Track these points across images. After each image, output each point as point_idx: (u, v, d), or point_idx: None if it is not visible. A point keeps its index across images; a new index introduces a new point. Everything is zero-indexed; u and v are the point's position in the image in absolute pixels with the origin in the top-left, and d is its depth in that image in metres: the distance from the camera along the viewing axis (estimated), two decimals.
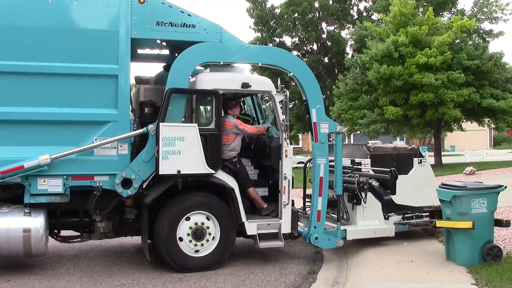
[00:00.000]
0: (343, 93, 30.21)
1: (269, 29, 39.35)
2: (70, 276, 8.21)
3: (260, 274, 8.29)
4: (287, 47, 39.23)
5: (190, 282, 7.81)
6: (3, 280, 7.89)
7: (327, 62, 39.62)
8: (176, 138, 8.09)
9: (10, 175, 7.74)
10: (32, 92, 7.92)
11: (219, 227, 8.48)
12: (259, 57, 8.98)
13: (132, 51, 9.43)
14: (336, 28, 39.63)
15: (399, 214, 9.45)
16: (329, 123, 9.05)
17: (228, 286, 7.69)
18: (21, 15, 7.88)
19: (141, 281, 7.94)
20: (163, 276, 8.16)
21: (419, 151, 10.60)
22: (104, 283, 7.82)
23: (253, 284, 7.77)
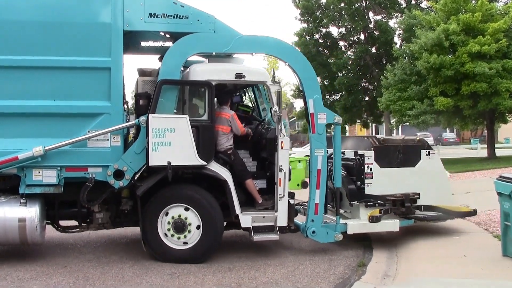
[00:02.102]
0: (391, 84, 29.34)
1: (315, 20, 38.51)
2: (122, 263, 8.39)
3: (309, 265, 8.27)
4: (333, 38, 38.86)
5: (240, 272, 7.87)
6: (60, 266, 8.20)
7: (375, 52, 37.96)
8: (167, 129, 8.09)
9: (5, 166, 7.97)
10: (26, 86, 8.11)
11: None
12: (253, 46, 8.84)
13: (135, 44, 9.68)
14: (383, 17, 38.28)
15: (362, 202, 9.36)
16: (327, 113, 8.86)
17: (277, 276, 7.70)
18: (14, 10, 8.07)
19: (191, 270, 7.99)
20: (213, 265, 8.25)
21: (427, 142, 10.18)
22: (155, 271, 7.94)
23: (302, 275, 7.76)
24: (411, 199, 9.47)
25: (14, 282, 7.38)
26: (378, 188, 9.43)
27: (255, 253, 9.01)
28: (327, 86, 38.37)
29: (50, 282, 7.40)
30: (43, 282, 7.42)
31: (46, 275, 7.71)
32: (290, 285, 7.32)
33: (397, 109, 28.69)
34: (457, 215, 9.70)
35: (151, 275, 7.77)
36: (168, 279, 7.58)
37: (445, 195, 9.84)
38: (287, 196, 8.77)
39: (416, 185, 9.58)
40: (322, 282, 7.45)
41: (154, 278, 7.61)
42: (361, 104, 37.99)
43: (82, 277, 7.65)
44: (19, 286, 7.22)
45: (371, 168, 9.45)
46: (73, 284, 7.33)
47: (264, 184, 9.19)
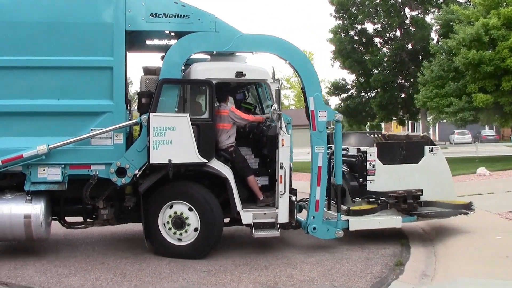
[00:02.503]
0: (428, 81, 28.93)
1: (350, 16, 37.96)
2: (159, 260, 8.45)
3: (345, 264, 8.23)
4: (369, 34, 38.34)
5: (276, 270, 7.89)
6: (97, 262, 8.38)
7: (411, 48, 37.54)
8: (167, 128, 8.23)
9: (10, 164, 8.18)
10: (31, 85, 8.30)
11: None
12: (253, 45, 8.91)
13: (141, 42, 9.79)
14: (420, 13, 37.39)
15: (364, 199, 9.43)
16: (327, 111, 8.92)
17: (314, 275, 7.67)
18: (18, 11, 8.24)
19: (228, 267, 8.06)
20: (250, 263, 8.29)
21: (430, 139, 10.16)
22: (191, 269, 7.99)
23: (339, 274, 7.71)
24: (414, 196, 9.48)
25: (54, 277, 7.55)
26: (380, 185, 9.47)
27: (292, 251, 9.02)
28: (362, 83, 38.17)
29: (89, 278, 7.56)
30: (82, 277, 7.59)
31: (84, 271, 7.90)
32: (327, 283, 7.30)
33: (434, 106, 28.37)
34: (453, 208, 9.67)
35: (187, 272, 7.83)
36: (204, 276, 7.65)
37: (448, 191, 9.83)
38: (288, 193, 8.84)
39: (419, 182, 9.60)
40: (359, 281, 7.38)
41: (191, 275, 7.67)
42: (397, 101, 37.44)
43: (119, 273, 7.78)
44: (58, 281, 7.38)
45: (373, 165, 9.50)
46: (110, 280, 7.47)
47: (266, 181, 9.28)
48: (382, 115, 37.71)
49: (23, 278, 7.54)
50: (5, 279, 7.46)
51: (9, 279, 7.48)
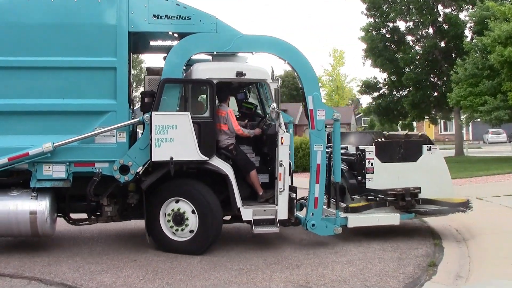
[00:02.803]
0: (462, 79, 28.38)
1: (382, 14, 37.15)
2: (190, 258, 8.48)
3: (377, 264, 8.17)
4: (401, 32, 37.67)
5: (308, 269, 7.86)
6: (129, 260, 8.48)
7: (444, 46, 36.26)
8: (169, 126, 8.43)
9: (17, 162, 8.41)
10: (36, 85, 8.54)
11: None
12: (253, 45, 9.12)
13: (145, 43, 10.01)
14: (453, 10, 36.09)
15: (363, 197, 9.59)
16: (326, 110, 9.10)
17: (345, 274, 7.62)
18: (25, 13, 8.50)
19: (259, 266, 8.07)
20: (281, 262, 8.31)
21: (429, 138, 10.32)
22: (223, 267, 8.03)
23: (371, 274, 7.64)
24: (412, 194, 9.64)
25: (87, 275, 7.66)
26: (379, 183, 9.64)
27: (323, 250, 9.01)
28: (394, 82, 37.59)
29: (121, 275, 7.63)
30: (114, 274, 7.66)
31: (116, 268, 7.99)
32: (358, 283, 7.24)
33: (468, 105, 27.91)
34: (451, 206, 9.81)
35: (219, 270, 7.88)
36: (236, 274, 7.65)
37: (446, 189, 9.98)
38: (288, 190, 9.02)
39: (417, 180, 9.75)
40: (391, 282, 7.31)
41: (222, 274, 7.70)
42: (430, 100, 36.54)
43: (151, 271, 7.83)
44: (91, 278, 7.47)
45: (372, 163, 9.67)
46: (142, 278, 7.52)
47: (266, 179, 9.47)
48: (414, 114, 36.95)
49: (57, 274, 7.66)
50: (39, 275, 7.60)
51: (43, 275, 7.61)
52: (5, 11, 8.47)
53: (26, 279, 7.43)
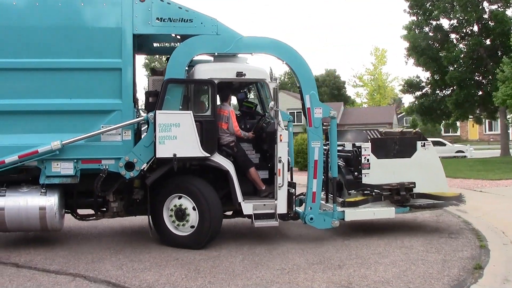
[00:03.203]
0: (509, 77, 27.46)
1: (425, 12, 36.78)
2: (232, 258, 8.57)
3: (421, 265, 8.02)
4: (444, 30, 37.22)
5: (350, 270, 7.78)
6: (172, 258, 8.55)
7: (489, 44, 35.62)
8: (172, 124, 8.80)
9: (26, 159, 8.77)
10: (45, 86, 8.89)
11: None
12: (252, 47, 9.48)
13: (148, 45, 10.39)
14: (500, 6, 35.46)
15: (359, 191, 9.96)
16: (323, 108, 9.46)
17: (388, 276, 7.51)
18: (35, 17, 8.86)
19: (301, 266, 8.04)
20: (323, 262, 8.27)
21: (423, 135, 10.69)
22: (265, 267, 8.02)
23: (415, 276, 7.50)
24: (407, 188, 10.01)
25: (130, 272, 7.75)
26: (374, 178, 10.02)
27: (365, 251, 8.95)
28: (437, 81, 37.19)
29: (163, 273, 7.69)
30: (157, 273, 7.73)
31: (159, 266, 8.07)
32: (402, 285, 7.14)
33: None
34: (445, 200, 10.22)
35: (260, 269, 7.88)
36: (278, 274, 7.63)
37: (440, 183, 10.36)
38: (286, 185, 9.39)
39: (411, 175, 10.12)
40: (435, 284, 7.17)
41: (264, 273, 7.68)
42: (474, 99, 36.04)
43: (193, 270, 7.88)
44: (134, 276, 7.55)
45: (368, 159, 10.04)
46: (185, 276, 7.56)
47: (266, 174, 9.85)
48: (458, 113, 36.43)
49: (100, 271, 7.78)
50: (83, 272, 7.77)
51: (87, 272, 7.77)
52: (16, 15, 8.83)
53: (71, 276, 7.60)
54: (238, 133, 9.61)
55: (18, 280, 7.33)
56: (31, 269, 7.94)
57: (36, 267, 8.04)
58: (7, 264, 8.19)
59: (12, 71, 8.83)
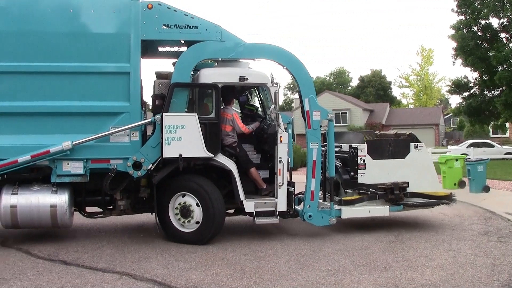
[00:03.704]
0: None
1: (474, 11, 35.30)
2: (278, 258, 8.62)
3: (470, 269, 7.87)
4: (493, 29, 35.63)
5: (396, 273, 7.71)
6: (217, 258, 8.68)
7: None
8: (178, 126, 9.25)
9: (39, 159, 9.18)
10: (57, 89, 9.30)
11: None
12: (254, 52, 9.96)
13: (153, 49, 10.80)
14: None
15: (355, 190, 10.45)
16: (321, 111, 9.92)
17: (435, 279, 7.41)
18: (48, 24, 9.29)
19: (347, 268, 8.01)
20: (369, 264, 8.23)
21: (416, 137, 11.20)
22: (310, 268, 8.04)
23: (463, 280, 7.36)
24: (401, 187, 10.51)
25: (175, 271, 7.84)
26: (370, 178, 10.52)
27: (412, 253, 8.88)
28: (486, 81, 35.89)
29: (209, 273, 7.75)
30: (202, 272, 7.79)
31: (204, 266, 8.14)
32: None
33: None
34: (436, 198, 10.76)
35: (306, 270, 7.88)
36: (324, 276, 7.61)
37: (432, 183, 10.87)
38: (286, 184, 9.85)
39: (405, 175, 10.64)
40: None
41: (310, 274, 7.68)
42: None
43: (239, 270, 7.90)
44: (180, 275, 7.62)
45: (363, 160, 10.56)
46: (230, 276, 7.60)
47: (267, 174, 10.30)
48: (507, 114, 34.86)
49: (146, 270, 7.89)
50: (130, 270, 7.89)
51: (133, 270, 7.88)
52: (31, 22, 9.25)
53: (118, 274, 7.74)
54: (247, 130, 10.10)
55: (66, 277, 7.54)
56: (79, 266, 8.18)
57: (83, 264, 8.28)
58: (56, 261, 8.45)
59: (27, 74, 9.23)
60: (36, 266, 8.17)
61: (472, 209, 13.55)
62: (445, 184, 18.24)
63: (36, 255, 8.86)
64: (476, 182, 17.24)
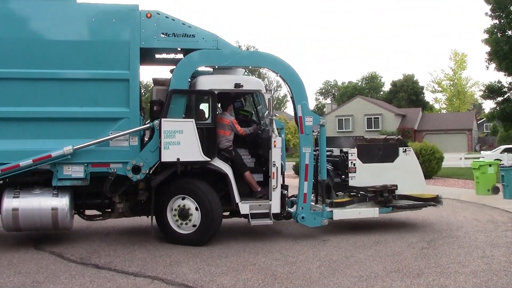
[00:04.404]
0: None
1: (508, 15, 34.13)
2: (309, 264, 8.61)
3: (504, 277, 7.76)
4: None
5: (429, 279, 7.64)
6: (249, 263, 8.66)
7: None
8: (176, 131, 9.59)
9: (40, 163, 9.46)
10: (59, 95, 9.59)
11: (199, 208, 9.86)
12: (249, 60, 10.39)
13: (151, 56, 11.12)
14: None
15: (346, 193, 10.86)
16: (313, 117, 10.30)
17: (469, 286, 7.34)
18: (51, 32, 9.60)
19: (379, 274, 7.95)
20: (401, 270, 8.15)
21: (404, 141, 11.64)
22: (342, 274, 7.98)
23: (497, 287, 7.32)
24: (389, 190, 10.93)
25: (207, 276, 7.87)
26: (360, 181, 10.93)
27: (445, 259, 8.82)
28: None
29: (240, 278, 7.75)
30: (234, 277, 7.79)
31: (235, 271, 8.13)
32: None
33: None
34: (424, 201, 11.20)
35: (338, 276, 7.85)
36: (355, 281, 7.56)
37: (419, 186, 11.31)
38: (280, 187, 10.22)
39: (394, 178, 11.08)
40: None
41: (341, 280, 7.65)
42: None
43: (270, 275, 7.90)
44: (211, 280, 7.65)
45: (354, 164, 10.97)
46: (262, 282, 7.58)
47: (261, 177, 10.67)
48: None
49: (178, 275, 7.92)
50: (161, 275, 7.94)
51: (165, 275, 7.93)
52: (34, 29, 9.57)
53: (149, 278, 7.80)
54: (244, 133, 10.46)
55: (98, 281, 7.65)
56: (111, 270, 8.28)
57: (115, 268, 8.38)
58: (88, 265, 8.61)
59: (29, 80, 9.51)
60: (69, 269, 8.34)
61: (506, 216, 13.61)
62: (478, 190, 18.28)
63: (68, 258, 9.05)
64: (510, 188, 16.89)
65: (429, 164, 24.25)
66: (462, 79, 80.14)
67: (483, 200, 16.70)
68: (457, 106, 79.56)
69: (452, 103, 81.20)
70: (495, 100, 37.44)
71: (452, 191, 19.20)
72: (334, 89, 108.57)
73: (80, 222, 11.31)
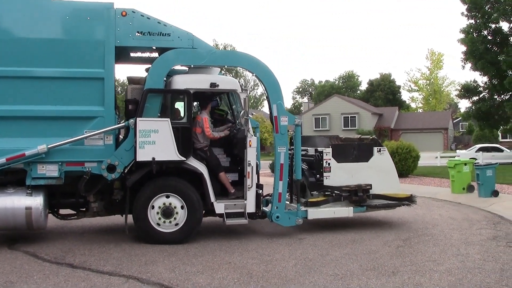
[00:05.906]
0: None
1: (484, 15, 34.81)
2: (285, 262, 8.62)
3: (478, 274, 7.82)
4: (504, 33, 35.25)
5: (404, 277, 7.66)
6: (224, 262, 8.65)
7: None
8: (151, 130, 9.59)
9: (14, 162, 9.38)
10: (32, 93, 9.52)
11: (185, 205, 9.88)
12: (225, 60, 10.43)
13: (125, 55, 11.08)
14: None
15: (321, 192, 10.98)
16: (288, 116, 10.37)
17: (443, 284, 7.35)
18: (25, 30, 9.52)
19: (355, 272, 7.96)
20: (377, 268, 8.20)
21: (379, 141, 11.77)
22: (318, 272, 8.00)
23: (471, 285, 7.30)
24: (364, 190, 11.05)
25: (182, 275, 7.82)
26: (335, 180, 11.03)
27: (420, 258, 8.86)
28: (495, 86, 35.45)
29: (216, 277, 7.73)
30: (209, 276, 7.77)
31: (211, 270, 8.11)
32: None
33: None
34: (398, 200, 11.36)
35: (313, 274, 7.85)
36: (331, 280, 7.57)
37: (393, 185, 11.45)
38: (255, 187, 10.28)
39: (368, 178, 11.20)
40: None
41: (317, 278, 7.65)
42: None
43: (246, 274, 7.88)
44: (186, 279, 7.60)
45: (329, 163, 11.07)
46: (237, 280, 7.56)
47: (236, 177, 10.72)
48: None
49: (153, 274, 7.88)
50: (137, 274, 7.88)
51: (140, 274, 7.87)
52: (7, 27, 9.50)
53: (124, 277, 7.74)
54: (211, 136, 10.36)
55: (72, 280, 7.58)
56: (86, 269, 8.21)
57: (90, 268, 8.30)
58: (63, 264, 8.52)
59: (1, 79, 9.42)
60: (43, 269, 8.24)
61: (480, 214, 13.79)
62: (453, 188, 18.47)
63: (43, 258, 8.95)
64: (485, 186, 17.06)
65: (405, 163, 24.58)
66: (439, 79, 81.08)
67: (459, 198, 16.99)
68: (433, 105, 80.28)
69: (428, 102, 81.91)
70: (470, 99, 38.31)
71: (428, 190, 19.48)
72: (311, 88, 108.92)
73: (55, 222, 11.23)
